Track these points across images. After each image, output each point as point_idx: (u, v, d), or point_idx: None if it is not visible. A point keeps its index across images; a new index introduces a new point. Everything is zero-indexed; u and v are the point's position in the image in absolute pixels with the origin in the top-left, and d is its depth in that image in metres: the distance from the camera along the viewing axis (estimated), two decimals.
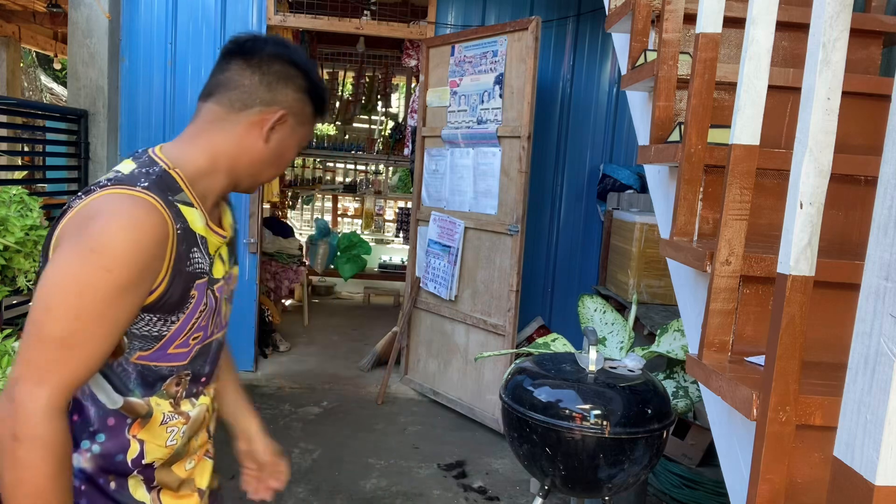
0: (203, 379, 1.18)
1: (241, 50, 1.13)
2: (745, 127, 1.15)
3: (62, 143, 3.87)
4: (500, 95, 3.62)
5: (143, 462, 1.07)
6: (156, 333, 1.03)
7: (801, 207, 0.91)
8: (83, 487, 1.02)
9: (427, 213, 4.11)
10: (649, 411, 1.87)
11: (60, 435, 0.91)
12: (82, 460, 1.02)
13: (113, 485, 1.05)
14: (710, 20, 1.37)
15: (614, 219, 4.06)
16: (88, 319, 0.91)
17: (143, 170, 1.02)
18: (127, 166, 1.04)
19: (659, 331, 2.57)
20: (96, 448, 1.03)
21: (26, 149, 4.88)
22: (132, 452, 1.06)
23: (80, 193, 0.99)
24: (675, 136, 1.58)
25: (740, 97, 1.13)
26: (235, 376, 1.52)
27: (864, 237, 1.27)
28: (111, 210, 0.94)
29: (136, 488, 1.08)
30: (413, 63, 4.59)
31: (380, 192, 7.51)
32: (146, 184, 0.98)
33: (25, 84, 8.90)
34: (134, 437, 1.05)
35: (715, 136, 1.45)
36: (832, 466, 0.74)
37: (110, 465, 1.04)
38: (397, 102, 9.51)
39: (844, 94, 0.93)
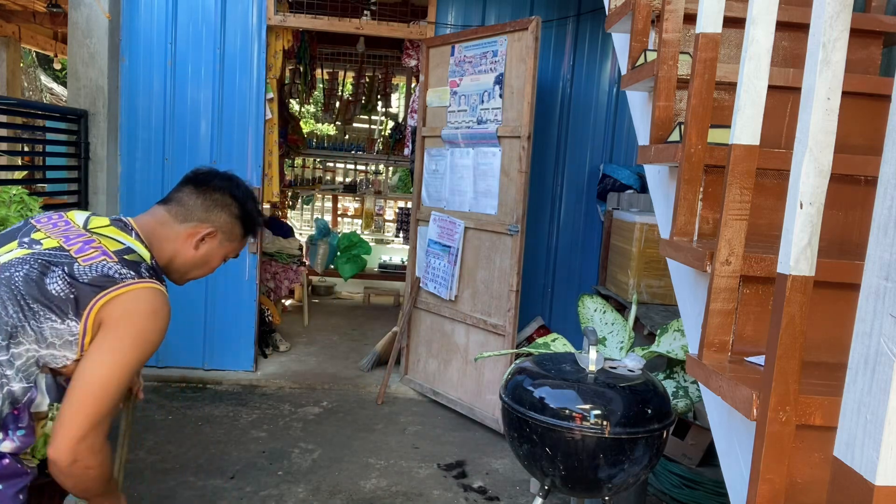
0: None
1: (195, 179, 1.56)
2: (745, 127, 1.15)
3: (62, 143, 3.87)
4: (500, 95, 3.62)
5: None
6: None
7: (801, 207, 0.91)
8: (5, 462, 1.28)
9: (427, 213, 4.11)
10: (649, 411, 1.87)
11: (109, 455, 1.32)
12: (8, 440, 1.28)
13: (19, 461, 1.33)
14: (710, 20, 1.37)
15: (614, 219, 4.06)
16: (128, 382, 1.31)
17: (153, 264, 1.43)
18: (139, 250, 1.41)
19: (659, 331, 2.57)
20: (17, 439, 1.28)
21: (26, 149, 4.87)
22: (34, 446, 1.34)
23: (120, 271, 1.32)
24: (675, 136, 1.58)
25: (740, 97, 1.13)
26: None
27: (864, 237, 1.27)
28: (157, 309, 1.33)
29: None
30: (413, 63, 4.59)
31: (380, 192, 7.51)
32: (159, 280, 1.41)
33: (25, 84, 8.90)
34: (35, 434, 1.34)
35: (715, 136, 1.45)
36: (832, 466, 0.74)
37: (24, 449, 1.32)
38: (397, 102, 9.51)
39: (844, 94, 0.93)
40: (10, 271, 1.28)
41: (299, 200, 8.72)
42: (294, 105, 7.53)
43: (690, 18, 1.65)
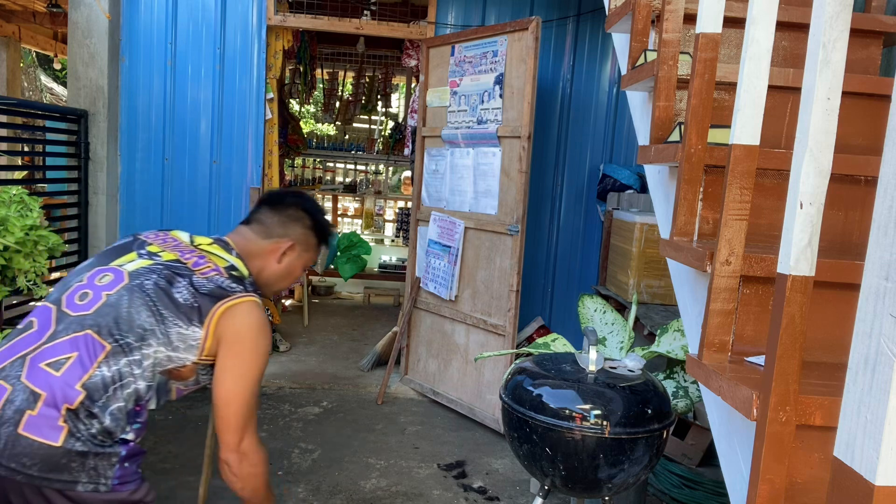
0: None
1: (268, 200, 1.74)
2: (745, 127, 1.15)
3: (62, 143, 3.87)
4: (500, 95, 3.62)
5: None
6: None
7: (801, 207, 0.91)
8: (124, 451, 1.40)
9: (427, 213, 4.11)
10: (649, 411, 1.87)
11: (265, 454, 1.54)
12: (130, 431, 1.42)
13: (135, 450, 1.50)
14: (710, 20, 1.37)
15: (614, 219, 4.06)
16: (256, 389, 1.50)
17: (252, 280, 1.58)
18: (240, 267, 1.56)
19: (659, 331, 2.57)
20: (134, 431, 1.43)
21: (26, 149, 4.88)
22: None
23: (231, 285, 1.49)
24: (675, 136, 1.58)
25: (740, 97, 1.13)
26: None
27: (864, 237, 1.27)
28: (264, 324, 1.50)
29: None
30: (413, 63, 4.59)
31: (380, 192, 7.51)
32: (258, 294, 1.56)
33: (25, 84, 8.90)
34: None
35: (715, 136, 1.45)
36: (832, 466, 0.74)
37: (139, 436, 1.48)
38: (397, 102, 9.51)
39: (844, 94, 0.93)
40: (140, 279, 1.43)
41: None
42: (294, 105, 7.53)
43: (690, 18, 1.65)
